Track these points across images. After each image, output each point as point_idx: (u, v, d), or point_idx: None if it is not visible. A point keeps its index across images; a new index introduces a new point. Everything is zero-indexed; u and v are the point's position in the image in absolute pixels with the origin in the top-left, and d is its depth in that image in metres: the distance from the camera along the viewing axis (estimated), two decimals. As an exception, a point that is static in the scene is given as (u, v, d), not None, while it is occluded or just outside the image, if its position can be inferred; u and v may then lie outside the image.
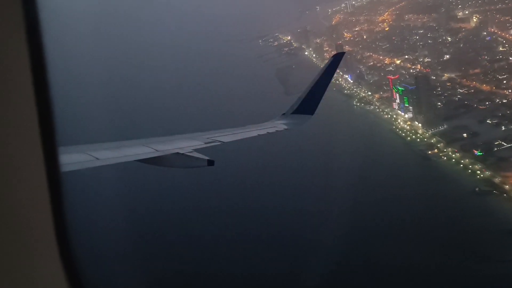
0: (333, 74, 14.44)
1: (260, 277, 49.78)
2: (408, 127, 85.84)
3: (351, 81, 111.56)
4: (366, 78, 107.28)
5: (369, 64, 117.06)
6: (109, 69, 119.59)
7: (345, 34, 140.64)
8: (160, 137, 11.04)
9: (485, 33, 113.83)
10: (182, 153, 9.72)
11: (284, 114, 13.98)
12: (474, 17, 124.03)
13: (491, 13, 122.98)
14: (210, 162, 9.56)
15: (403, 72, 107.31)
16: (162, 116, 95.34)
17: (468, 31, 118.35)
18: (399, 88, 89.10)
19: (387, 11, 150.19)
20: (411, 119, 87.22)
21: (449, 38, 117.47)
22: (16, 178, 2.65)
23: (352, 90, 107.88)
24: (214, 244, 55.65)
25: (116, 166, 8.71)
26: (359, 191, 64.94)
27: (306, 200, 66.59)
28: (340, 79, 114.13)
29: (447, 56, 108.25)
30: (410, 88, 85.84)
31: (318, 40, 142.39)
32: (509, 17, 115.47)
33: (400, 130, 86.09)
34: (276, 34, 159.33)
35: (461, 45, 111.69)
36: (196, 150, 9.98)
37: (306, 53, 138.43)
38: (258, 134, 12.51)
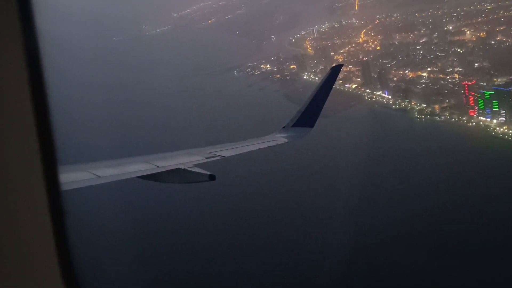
0: (332, 86, 14.01)
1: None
2: (510, 131, 78.19)
3: (389, 97, 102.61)
4: (414, 90, 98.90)
5: (394, 79, 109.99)
6: (110, 82, 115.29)
7: (335, 56, 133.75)
8: (161, 153, 10.83)
9: (492, 41, 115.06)
10: (183, 169, 9.52)
11: (284, 127, 13.68)
12: (465, 30, 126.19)
13: (479, 25, 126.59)
14: (212, 177, 9.34)
15: (442, 82, 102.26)
16: (162, 132, 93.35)
17: (474, 42, 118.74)
18: (485, 93, 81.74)
19: (362, 33, 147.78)
20: (504, 123, 79.92)
21: (458, 49, 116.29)
22: (15, 196, 2.53)
23: (400, 104, 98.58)
24: (216, 257, 53.15)
25: (118, 183, 8.36)
26: None
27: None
28: (374, 96, 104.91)
29: (477, 64, 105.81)
30: (506, 90, 78.72)
31: (311, 64, 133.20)
32: (504, 27, 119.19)
33: (504, 135, 77.96)
34: (253, 63, 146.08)
35: (481, 53, 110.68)
36: (197, 165, 9.78)
37: (304, 77, 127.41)
38: (259, 148, 12.28)
